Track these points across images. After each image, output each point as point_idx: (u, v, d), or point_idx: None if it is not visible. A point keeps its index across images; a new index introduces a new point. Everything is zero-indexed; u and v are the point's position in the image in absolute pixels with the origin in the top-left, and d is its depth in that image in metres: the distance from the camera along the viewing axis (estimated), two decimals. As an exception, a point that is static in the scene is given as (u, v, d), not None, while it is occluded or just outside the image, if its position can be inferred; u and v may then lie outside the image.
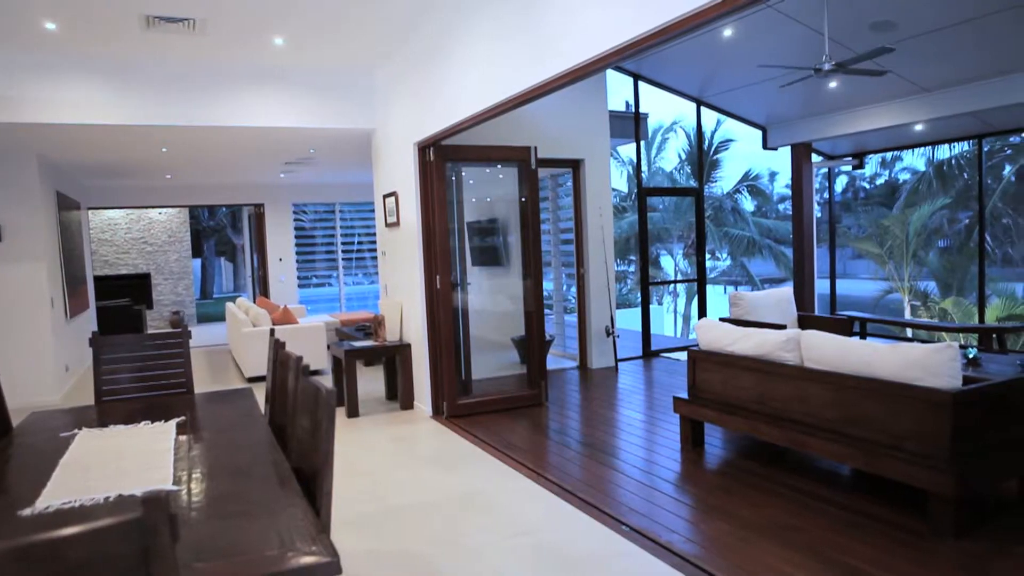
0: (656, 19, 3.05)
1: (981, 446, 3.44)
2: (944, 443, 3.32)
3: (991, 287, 14.77)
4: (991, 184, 16.65)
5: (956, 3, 5.80)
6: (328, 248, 13.59)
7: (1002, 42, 6.32)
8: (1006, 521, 3.53)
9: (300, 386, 2.60)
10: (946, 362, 3.40)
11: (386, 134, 6.76)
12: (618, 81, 8.72)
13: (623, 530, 3.63)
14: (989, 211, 16.37)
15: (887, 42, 6.35)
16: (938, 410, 3.35)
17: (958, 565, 3.09)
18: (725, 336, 4.61)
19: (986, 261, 10.94)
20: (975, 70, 6.93)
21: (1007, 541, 3.30)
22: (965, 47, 6.49)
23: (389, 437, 5.67)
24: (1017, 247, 17.04)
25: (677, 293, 21.40)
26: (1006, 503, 3.76)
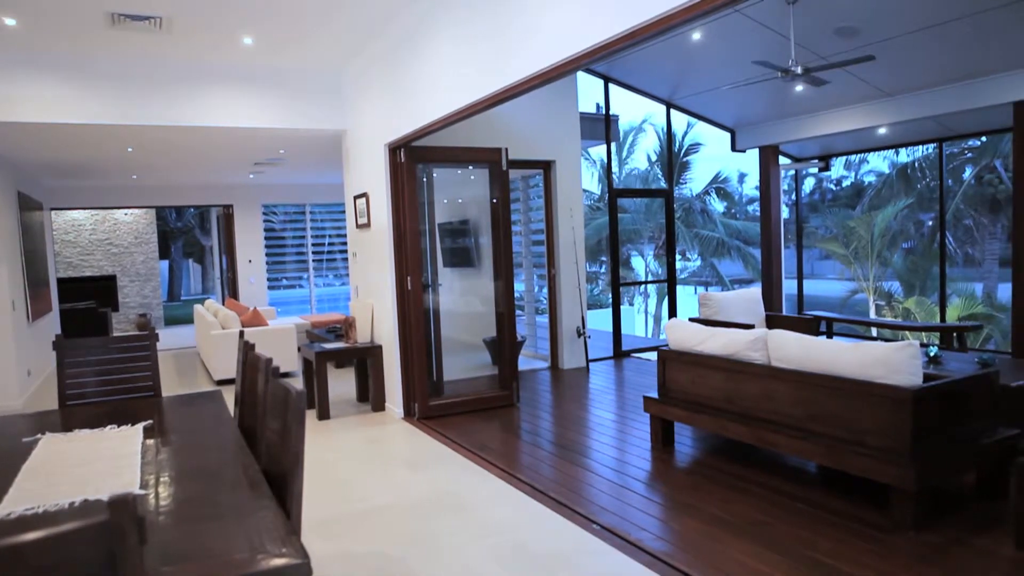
0: (625, 22, 3.08)
1: (940, 441, 3.53)
2: (905, 439, 3.41)
3: (952, 287, 15.11)
4: (952, 186, 17.04)
5: (916, 11, 5.94)
6: (298, 249, 13.48)
7: (960, 49, 6.48)
8: (964, 513, 3.63)
9: (270, 388, 2.59)
10: (907, 360, 3.48)
11: (357, 135, 6.74)
12: (589, 83, 8.78)
13: (594, 529, 3.66)
14: (950, 213, 16.76)
15: (850, 47, 6.50)
16: (899, 407, 3.43)
17: (917, 556, 3.17)
18: (694, 336, 4.67)
19: (947, 262, 11.20)
20: (935, 75, 7.10)
21: (964, 532, 3.40)
22: (925, 53, 6.65)
23: (360, 439, 5.65)
24: (977, 248, 17.46)
25: (648, 294, 21.56)
26: (964, 496, 3.86)
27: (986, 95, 6.88)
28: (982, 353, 5.00)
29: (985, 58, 6.61)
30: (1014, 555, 3.16)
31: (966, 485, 3.98)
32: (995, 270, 16.70)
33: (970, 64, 6.77)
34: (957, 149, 16.99)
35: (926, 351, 4.90)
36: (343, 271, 14.59)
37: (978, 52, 6.52)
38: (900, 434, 3.43)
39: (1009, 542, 3.26)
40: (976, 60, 6.68)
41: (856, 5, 6.00)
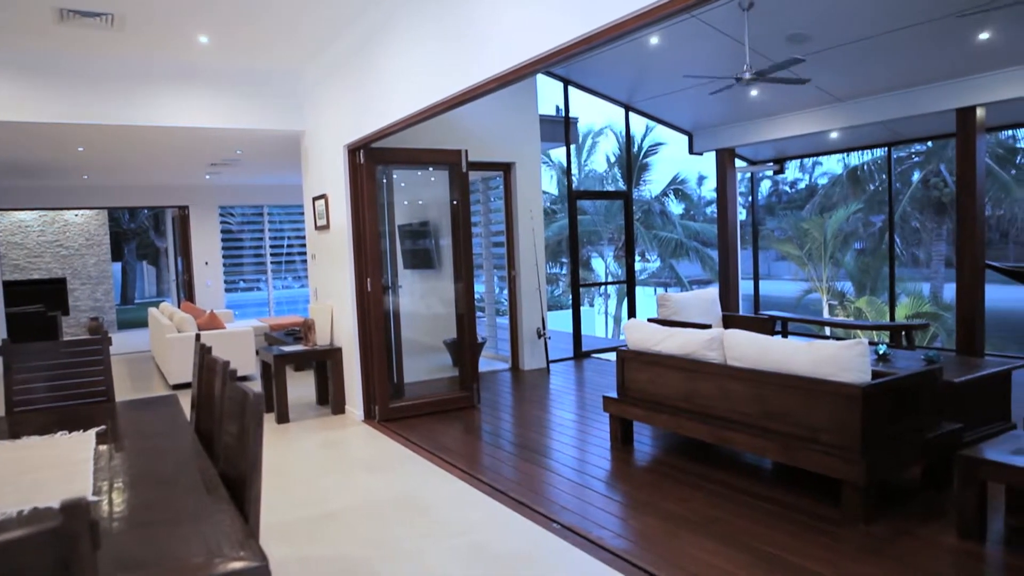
0: (584, 26, 3.12)
1: (888, 436, 3.64)
2: (855, 434, 3.51)
3: (901, 287, 15.56)
4: (901, 189, 17.55)
5: (864, 20, 6.11)
6: (256, 251, 13.30)
7: (906, 58, 6.69)
8: (910, 505, 3.75)
9: (227, 391, 2.56)
10: (856, 358, 3.59)
11: (316, 136, 6.68)
12: (549, 86, 8.83)
13: (555, 528, 3.70)
14: (899, 215, 17.25)
15: (802, 53, 6.65)
16: (849, 403, 3.53)
17: (866, 548, 3.26)
18: (652, 336, 4.74)
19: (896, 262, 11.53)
20: (883, 82, 7.32)
21: (911, 523, 3.51)
22: (874, 61, 6.85)
23: (320, 442, 5.60)
24: (924, 249, 17.99)
25: (608, 295, 21.75)
26: (910, 488, 3.99)
27: (930, 102, 7.12)
28: (928, 351, 5.16)
29: (929, 67, 6.84)
30: (957, 544, 3.28)
31: (913, 478, 4.11)
32: (941, 270, 17.24)
33: (915, 72, 6.99)
34: (905, 153, 17.50)
35: (875, 349, 5.04)
36: (302, 273, 14.42)
37: (923, 61, 6.74)
38: (850, 430, 3.53)
39: (952, 531, 3.38)
40: (921, 68, 6.90)
41: (807, 13, 6.15)
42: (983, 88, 6.74)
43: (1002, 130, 11.88)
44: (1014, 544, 3.29)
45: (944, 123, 7.45)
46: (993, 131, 8.71)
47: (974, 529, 3.30)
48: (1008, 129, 12.19)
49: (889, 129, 8.47)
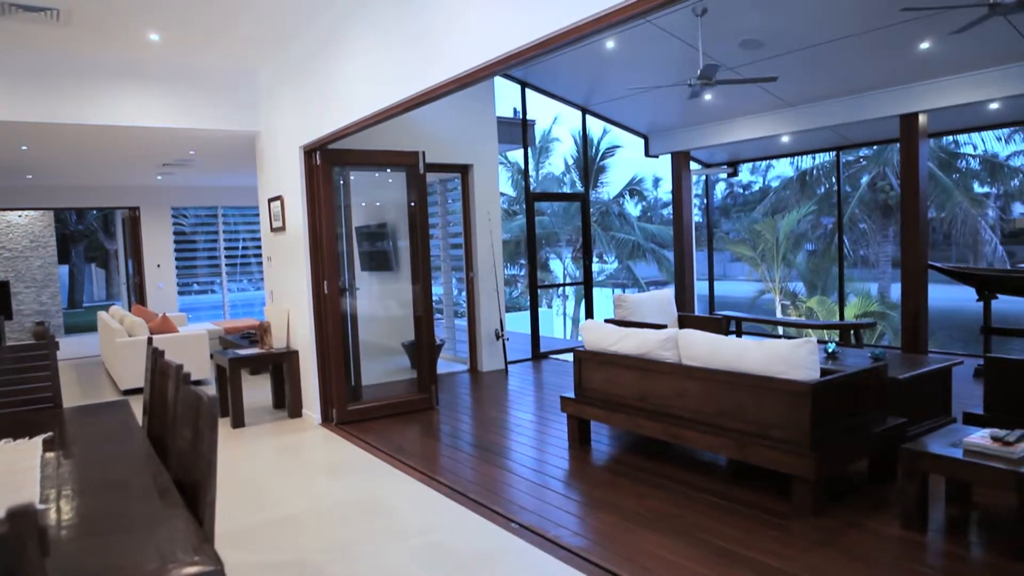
0: (541, 30, 3.16)
1: (836, 431, 3.75)
2: (804, 430, 3.61)
3: (850, 287, 15.98)
4: (850, 192, 18.03)
5: (814, 27, 6.28)
6: (210, 254, 13.06)
7: (853, 65, 6.90)
8: (857, 498, 3.87)
9: (181, 395, 2.53)
10: (805, 356, 3.69)
11: (271, 136, 6.60)
12: (506, 88, 8.87)
13: (513, 527, 3.72)
14: (847, 217, 17.72)
15: (754, 59, 6.81)
16: (799, 400, 3.63)
17: (815, 541, 3.36)
18: (608, 336, 4.80)
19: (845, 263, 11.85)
20: (831, 88, 7.53)
21: (858, 515, 3.62)
22: (822, 68, 7.04)
23: (277, 446, 5.54)
24: (872, 250, 18.52)
25: (566, 296, 21.89)
26: (857, 481, 4.12)
27: (876, 108, 7.35)
28: (875, 349, 5.33)
29: (875, 74, 7.05)
30: (900, 534, 3.40)
31: (860, 471, 4.24)
32: (888, 271, 17.77)
33: (862, 79, 7.21)
34: (853, 157, 17.99)
35: (825, 348, 5.18)
36: (258, 275, 14.21)
37: (869, 68, 6.95)
38: (800, 426, 3.63)
39: (896, 522, 3.51)
40: (867, 76, 7.12)
41: (759, 20, 6.29)
42: (925, 95, 6.98)
43: (943, 136, 12.30)
44: (953, 532, 3.42)
45: (889, 128, 7.69)
46: (935, 137, 9.02)
47: (916, 519, 3.43)
48: (949, 135, 12.62)
49: (837, 134, 8.70)
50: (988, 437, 3.32)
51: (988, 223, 17.21)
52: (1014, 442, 3.24)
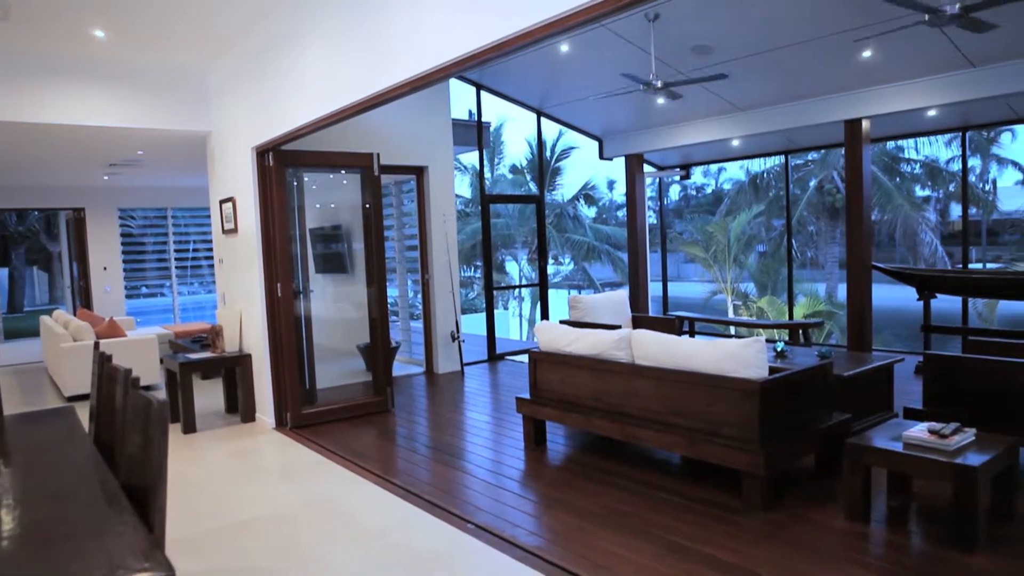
0: (494, 33, 3.19)
1: (784, 428, 3.86)
2: (754, 427, 3.70)
3: (799, 288, 16.39)
4: (799, 195, 18.48)
5: (762, 34, 6.44)
6: (160, 256, 12.76)
7: (800, 71, 7.09)
8: (805, 491, 3.98)
9: (130, 400, 2.48)
10: (754, 355, 3.78)
11: (222, 137, 6.50)
12: (462, 90, 8.88)
13: (469, 528, 3.73)
14: (796, 219, 18.16)
15: (704, 64, 6.95)
16: (748, 398, 3.72)
17: (765, 534, 3.45)
18: (563, 337, 4.85)
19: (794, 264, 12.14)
20: (780, 94, 7.72)
21: (805, 509, 3.73)
22: (771, 73, 7.21)
23: (229, 451, 5.46)
24: (820, 251, 19.01)
25: (522, 297, 21.97)
26: (805, 476, 4.24)
27: (822, 113, 7.56)
28: (823, 347, 5.47)
29: (821, 81, 7.26)
30: (845, 526, 3.51)
31: (807, 466, 4.36)
32: (835, 272, 18.26)
33: (809, 85, 7.41)
34: (802, 161, 18.45)
35: (774, 347, 5.31)
36: (209, 278, 13.93)
37: (815, 75, 7.15)
38: (749, 423, 3.72)
39: (841, 514, 3.62)
40: (814, 82, 7.32)
41: (710, 26, 6.42)
42: (868, 102, 7.21)
43: (886, 141, 12.70)
44: (894, 523, 3.55)
45: (835, 133, 7.92)
46: (878, 141, 9.30)
47: (860, 511, 3.55)
48: (891, 140, 13.04)
49: (786, 138, 8.92)
50: (926, 431, 3.46)
51: (929, 225, 17.81)
52: (950, 435, 3.37)
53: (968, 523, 3.17)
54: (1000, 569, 3.03)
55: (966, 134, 8.35)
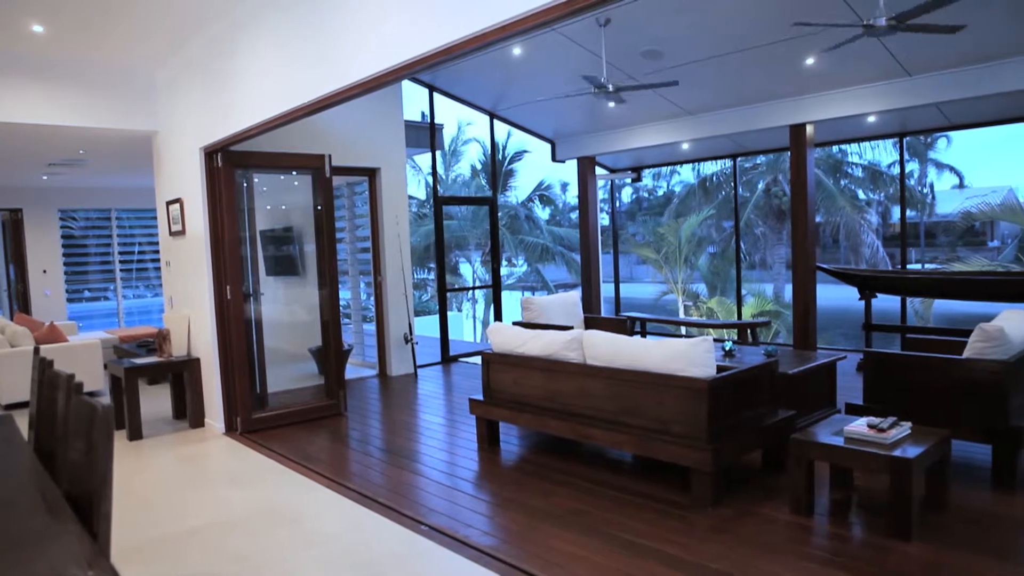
0: (446, 36, 3.20)
1: (731, 425, 3.95)
2: (702, 425, 3.78)
3: (747, 288, 16.75)
4: (748, 197, 18.88)
5: (710, 40, 6.58)
6: (104, 259, 12.41)
7: (747, 77, 7.26)
8: (752, 487, 4.09)
9: (72, 406, 2.43)
10: (702, 354, 3.87)
11: (169, 137, 6.37)
12: (414, 92, 8.85)
13: (423, 530, 3.74)
14: (744, 221, 18.56)
15: (654, 69, 7.06)
16: (696, 396, 3.80)
17: (713, 529, 3.54)
18: (515, 338, 4.88)
19: (743, 265, 12.42)
20: (728, 99, 7.89)
21: (752, 503, 3.83)
22: (719, 79, 7.37)
23: (178, 458, 5.35)
24: (768, 252, 19.45)
25: (476, 299, 21.97)
26: (752, 471, 4.35)
27: (768, 118, 7.76)
28: (769, 346, 5.62)
29: (767, 86, 7.45)
30: (790, 519, 3.62)
31: (753, 462, 4.47)
32: (783, 272, 18.70)
33: (755, 91, 7.60)
34: (750, 164, 18.86)
35: (723, 346, 5.42)
36: (155, 281, 13.59)
37: (761, 81, 7.34)
38: (697, 421, 3.80)
39: (786, 508, 3.73)
40: (760, 88, 7.51)
41: (660, 32, 6.54)
42: (811, 107, 7.42)
43: (830, 145, 13.08)
44: (836, 515, 3.67)
45: (781, 137, 8.13)
46: (822, 146, 9.59)
47: (804, 504, 3.66)
48: (835, 144, 13.43)
49: (734, 141, 9.12)
50: (865, 425, 3.59)
51: (871, 227, 18.38)
52: (887, 428, 3.51)
53: (904, 513, 3.30)
54: (933, 556, 3.16)
55: (903, 139, 8.65)
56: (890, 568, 3.07)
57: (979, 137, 24.32)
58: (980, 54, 6.15)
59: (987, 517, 3.59)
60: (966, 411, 4.04)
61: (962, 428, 4.01)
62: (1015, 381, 4.02)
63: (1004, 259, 14.93)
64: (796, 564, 3.15)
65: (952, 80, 6.44)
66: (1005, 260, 14.63)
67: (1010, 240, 16.52)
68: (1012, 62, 6.09)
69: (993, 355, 4.00)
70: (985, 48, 6.06)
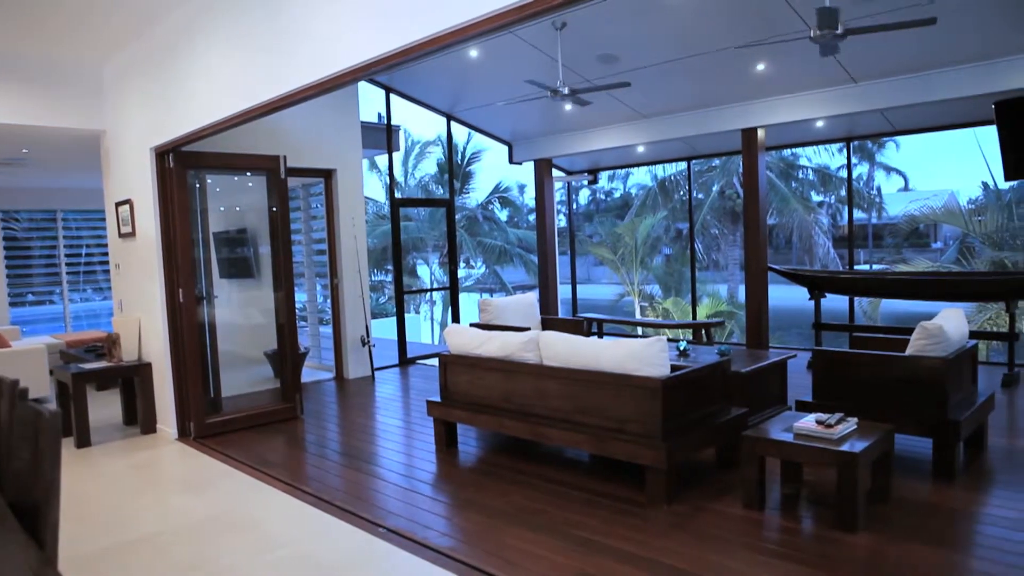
0: (403, 38, 3.21)
1: (685, 423, 4.03)
2: (656, 423, 3.85)
3: (702, 289, 17.03)
4: (703, 199, 19.19)
5: (665, 45, 6.69)
6: (49, 261, 12.05)
7: (701, 81, 7.40)
8: (705, 483, 4.17)
9: (16, 413, 2.37)
10: (656, 354, 3.94)
11: (118, 136, 6.23)
12: (372, 93, 8.81)
13: (381, 532, 3.73)
14: (699, 223, 18.86)
15: (610, 72, 7.15)
16: (651, 395, 3.87)
17: (669, 525, 3.60)
18: (472, 340, 4.89)
19: (698, 266, 12.63)
20: (682, 102, 8.03)
21: (706, 500, 3.91)
22: (674, 83, 7.50)
23: (129, 465, 5.23)
24: (722, 254, 19.79)
25: (434, 301, 21.91)
26: (706, 468, 4.44)
27: (721, 122, 7.92)
28: (723, 345, 5.73)
29: (720, 91, 7.60)
30: (743, 514, 3.71)
31: (707, 459, 4.56)
32: (736, 273, 19.05)
33: (708, 95, 7.74)
34: (705, 167, 19.17)
35: (677, 346, 5.52)
36: (104, 284, 13.25)
37: (714, 85, 7.49)
38: (652, 419, 3.87)
39: (739, 503, 3.81)
40: (713, 92, 7.66)
41: (615, 36, 6.62)
42: (762, 112, 7.60)
43: (781, 149, 13.39)
44: (787, 509, 3.77)
45: (733, 141, 8.30)
46: (774, 149, 9.81)
47: (756, 500, 3.75)
48: (786, 148, 13.74)
49: (688, 144, 9.28)
50: (814, 421, 3.69)
51: (822, 229, 18.83)
52: (835, 424, 3.61)
53: (850, 505, 3.41)
54: (878, 546, 3.27)
55: (850, 144, 8.90)
56: (837, 558, 3.17)
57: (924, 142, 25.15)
58: (922, 63, 6.38)
59: (927, 507, 3.73)
60: (908, 406, 4.18)
61: (905, 422, 4.15)
62: (954, 377, 4.18)
63: (946, 260, 15.44)
64: (748, 557, 3.23)
65: (895, 87, 6.66)
66: (947, 261, 15.13)
67: (952, 242, 17.08)
68: (951, 71, 6.33)
69: (933, 352, 4.15)
70: (926, 58, 6.29)
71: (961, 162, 22.50)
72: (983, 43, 5.99)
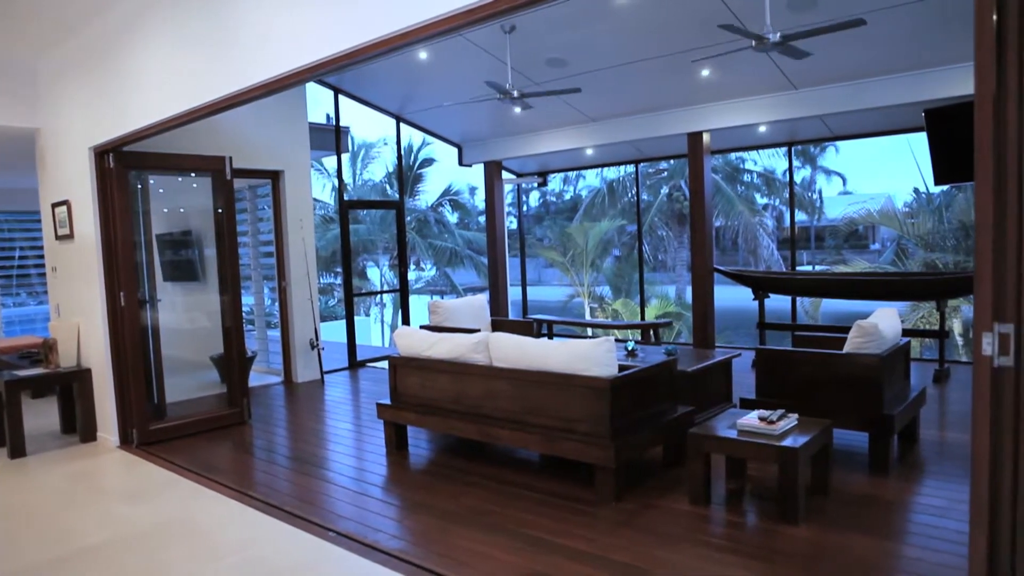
0: (352, 39, 3.20)
1: (633, 422, 4.10)
2: (604, 422, 3.91)
3: (651, 290, 17.28)
4: (651, 201, 19.49)
5: (612, 49, 6.79)
6: (-21, 265, 11.58)
7: (647, 86, 7.53)
8: (653, 481, 4.26)
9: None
10: (604, 354, 4.00)
11: (54, 135, 6.04)
12: (320, 94, 8.72)
13: (331, 536, 3.70)
14: (647, 225, 19.15)
15: (558, 76, 7.23)
16: (599, 395, 3.93)
17: (618, 522, 3.67)
18: (422, 342, 4.89)
19: (646, 268, 12.82)
20: (629, 106, 8.16)
21: (653, 497, 4.00)
22: (621, 87, 7.62)
23: (68, 474, 5.07)
24: (670, 255, 20.12)
25: (384, 304, 21.75)
26: (653, 466, 4.52)
27: (667, 126, 8.08)
28: (670, 345, 5.84)
29: (666, 95, 7.75)
30: (689, 509, 3.80)
31: (655, 457, 4.65)
32: (684, 274, 19.38)
33: (655, 99, 7.89)
34: (653, 169, 19.47)
35: (626, 346, 5.61)
36: (40, 288, 12.79)
37: (661, 90, 7.63)
38: (600, 419, 3.93)
39: (686, 500, 3.90)
40: (659, 96, 7.80)
41: (564, 40, 6.70)
42: (708, 116, 7.77)
43: (726, 152, 13.69)
44: (732, 504, 3.88)
45: (680, 144, 8.46)
46: (718, 153, 10.02)
47: (702, 495, 3.84)
48: (732, 152, 14.05)
49: (636, 148, 9.43)
50: (757, 418, 3.80)
51: (767, 231, 19.31)
52: (776, 420, 3.73)
53: (792, 498, 3.52)
54: (818, 537, 3.39)
55: (792, 148, 9.16)
56: (779, 550, 3.28)
57: (862, 147, 25.97)
58: (858, 72, 6.62)
59: (864, 499, 3.87)
60: (846, 402, 4.34)
61: (843, 418, 4.31)
62: (888, 373, 4.35)
63: (884, 261, 16.01)
64: (694, 551, 3.31)
65: (833, 94, 6.90)
66: (885, 262, 15.68)
67: (889, 243, 17.70)
68: (885, 80, 6.58)
69: (869, 350, 4.31)
70: (862, 67, 6.53)
71: (897, 167, 23.36)
72: (915, 54, 6.25)
